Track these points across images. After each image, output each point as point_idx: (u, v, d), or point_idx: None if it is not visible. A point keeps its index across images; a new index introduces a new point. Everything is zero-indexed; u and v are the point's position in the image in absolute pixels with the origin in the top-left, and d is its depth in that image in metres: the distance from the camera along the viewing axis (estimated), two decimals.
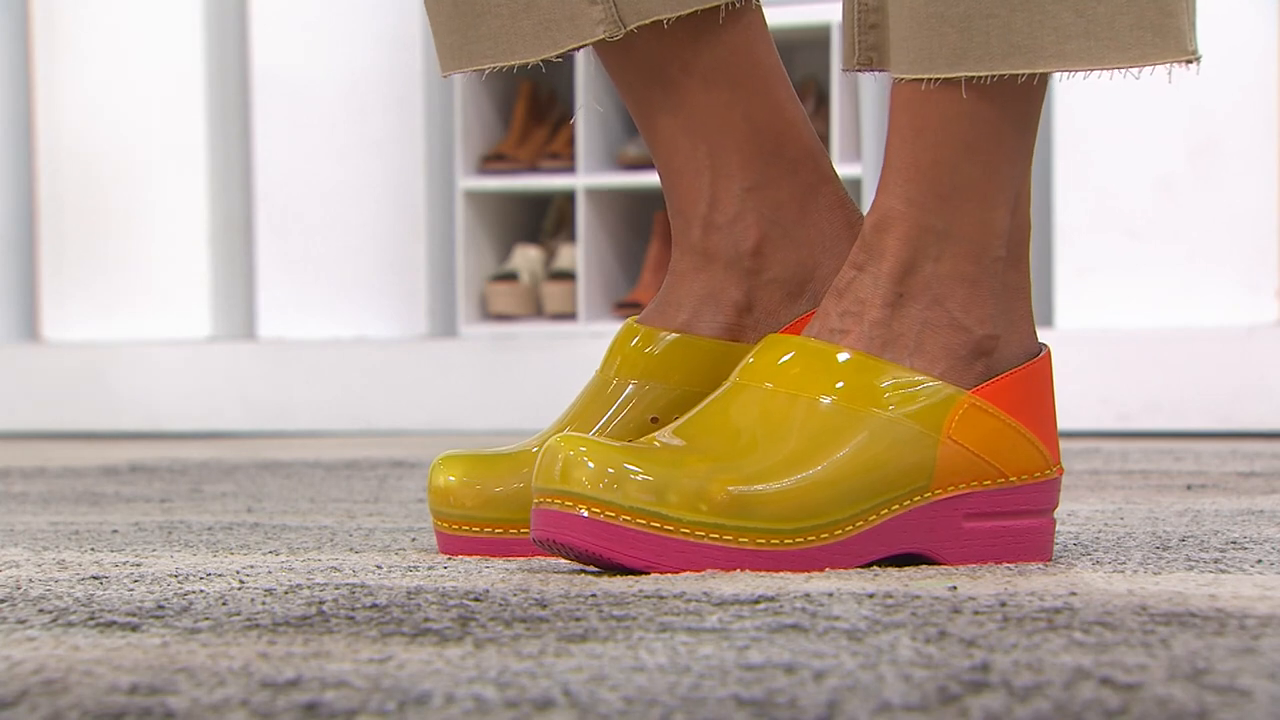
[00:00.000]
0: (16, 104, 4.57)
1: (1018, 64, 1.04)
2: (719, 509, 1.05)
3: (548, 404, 4.03)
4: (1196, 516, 1.48)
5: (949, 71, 1.05)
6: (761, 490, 1.05)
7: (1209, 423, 3.63)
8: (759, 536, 1.05)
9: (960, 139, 1.09)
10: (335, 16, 4.28)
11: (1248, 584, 0.99)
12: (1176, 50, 1.04)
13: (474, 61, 1.18)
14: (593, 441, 1.06)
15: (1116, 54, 1.04)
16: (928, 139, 1.09)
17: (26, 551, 1.27)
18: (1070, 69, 1.04)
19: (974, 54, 1.05)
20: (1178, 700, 0.64)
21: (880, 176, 1.12)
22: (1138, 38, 1.04)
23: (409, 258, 4.27)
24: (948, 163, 1.09)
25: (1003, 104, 1.08)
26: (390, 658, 0.76)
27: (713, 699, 0.66)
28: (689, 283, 1.22)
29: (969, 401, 1.10)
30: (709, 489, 1.05)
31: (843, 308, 1.11)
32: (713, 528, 1.05)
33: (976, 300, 1.11)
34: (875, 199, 1.11)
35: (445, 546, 1.21)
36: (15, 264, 4.61)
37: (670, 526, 1.04)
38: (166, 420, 4.28)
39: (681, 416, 1.12)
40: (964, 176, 1.09)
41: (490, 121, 4.26)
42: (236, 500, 1.85)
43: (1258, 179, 3.67)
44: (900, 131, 1.10)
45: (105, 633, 0.85)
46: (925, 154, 1.09)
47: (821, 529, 1.06)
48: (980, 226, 1.10)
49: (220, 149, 4.39)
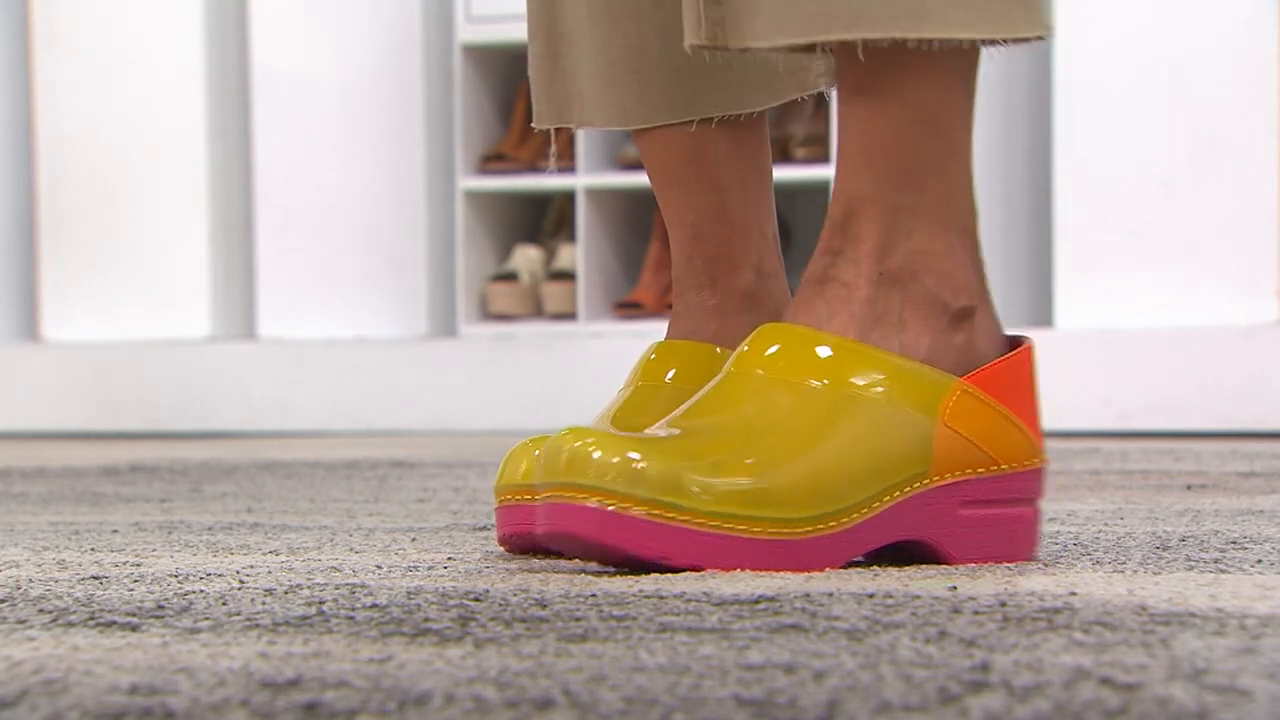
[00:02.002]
0: (16, 104, 4.57)
1: (906, 28, 1.06)
2: (732, 498, 1.04)
3: (548, 404, 4.03)
4: (1196, 516, 1.48)
5: (844, 34, 1.06)
6: (774, 478, 1.05)
7: (1209, 423, 3.63)
8: (771, 526, 1.05)
9: (916, 114, 1.10)
10: (335, 16, 4.28)
11: (1248, 584, 0.99)
12: (1036, 25, 1.08)
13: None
14: (600, 433, 1.05)
15: (989, 25, 1.07)
16: (886, 119, 1.11)
17: (26, 551, 1.27)
18: (952, 35, 1.06)
19: (869, 19, 1.06)
20: (1178, 700, 0.64)
21: (838, 163, 1.13)
22: (1006, 10, 1.07)
23: (409, 258, 4.27)
24: (908, 139, 1.11)
25: (950, 74, 1.10)
26: (390, 658, 0.76)
27: (713, 699, 0.66)
28: (739, 320, 1.26)
29: (961, 388, 1.11)
30: (722, 478, 1.04)
31: (827, 294, 1.12)
32: (726, 518, 1.04)
33: (950, 273, 1.13)
34: (837, 185, 1.13)
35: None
36: (15, 264, 4.61)
37: (684, 517, 1.04)
38: (166, 420, 4.28)
39: (679, 408, 1.12)
40: (925, 151, 1.11)
41: (490, 121, 4.26)
42: (236, 500, 1.85)
43: (1258, 179, 3.67)
44: (856, 115, 1.11)
45: (105, 633, 0.85)
46: (885, 134, 1.11)
47: (831, 516, 1.06)
48: (945, 199, 1.12)
49: (220, 149, 4.39)
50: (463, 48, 4.16)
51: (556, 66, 1.28)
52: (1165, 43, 3.70)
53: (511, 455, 1.20)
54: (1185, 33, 3.69)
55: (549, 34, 1.28)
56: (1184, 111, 3.69)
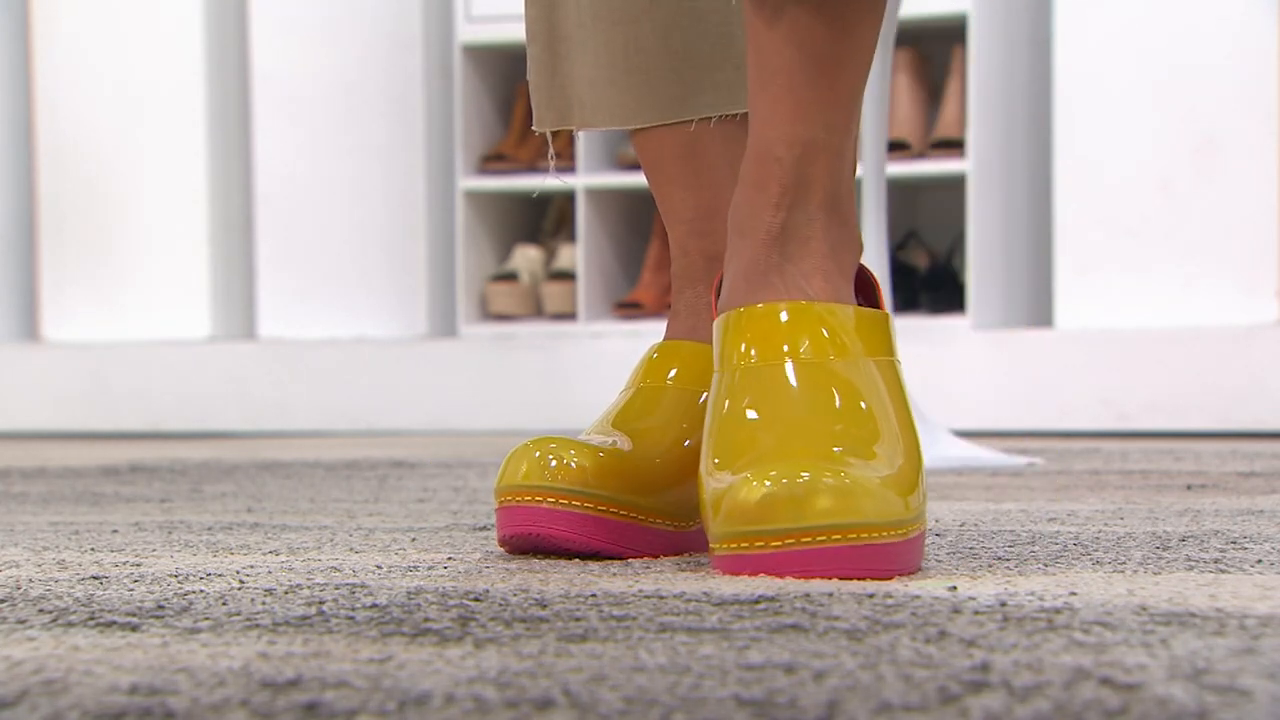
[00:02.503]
0: (16, 104, 4.57)
1: None
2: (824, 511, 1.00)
3: (548, 404, 4.03)
4: (1196, 516, 1.48)
5: None
6: (898, 465, 1.04)
7: (1209, 423, 3.63)
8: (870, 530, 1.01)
9: (861, 59, 1.09)
10: (335, 16, 4.28)
11: (1248, 584, 0.99)
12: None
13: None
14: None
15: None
16: (837, 68, 1.09)
17: (26, 551, 1.27)
18: None
19: None
20: (1178, 700, 0.64)
21: (771, 110, 1.09)
22: None
23: (409, 258, 4.27)
24: (857, 85, 1.10)
25: (874, 17, 1.10)
26: (390, 658, 0.76)
27: (713, 699, 0.66)
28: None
29: (888, 317, 1.12)
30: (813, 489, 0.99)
31: (788, 251, 1.10)
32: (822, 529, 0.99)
33: (853, 208, 1.13)
34: (778, 131, 1.09)
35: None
36: (15, 264, 4.61)
37: (791, 539, 0.99)
38: (166, 420, 4.28)
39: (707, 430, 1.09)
40: (860, 95, 1.11)
41: (490, 121, 4.26)
42: (236, 500, 1.85)
43: (1258, 179, 3.67)
44: (800, 63, 1.09)
45: (105, 633, 0.85)
46: (842, 83, 1.09)
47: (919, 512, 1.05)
48: (853, 138, 1.12)
49: (220, 149, 4.38)
50: (463, 48, 4.16)
51: (557, 69, 1.28)
52: (1165, 43, 3.70)
53: (512, 456, 1.20)
54: (1185, 33, 3.69)
55: (549, 37, 1.28)
56: (1184, 111, 3.69)
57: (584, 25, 1.26)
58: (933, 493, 1.85)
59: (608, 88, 1.26)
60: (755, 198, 1.10)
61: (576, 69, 1.27)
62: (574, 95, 1.28)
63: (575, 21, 1.27)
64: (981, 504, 1.67)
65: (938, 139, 3.95)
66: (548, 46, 1.29)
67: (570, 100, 1.28)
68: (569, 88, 1.28)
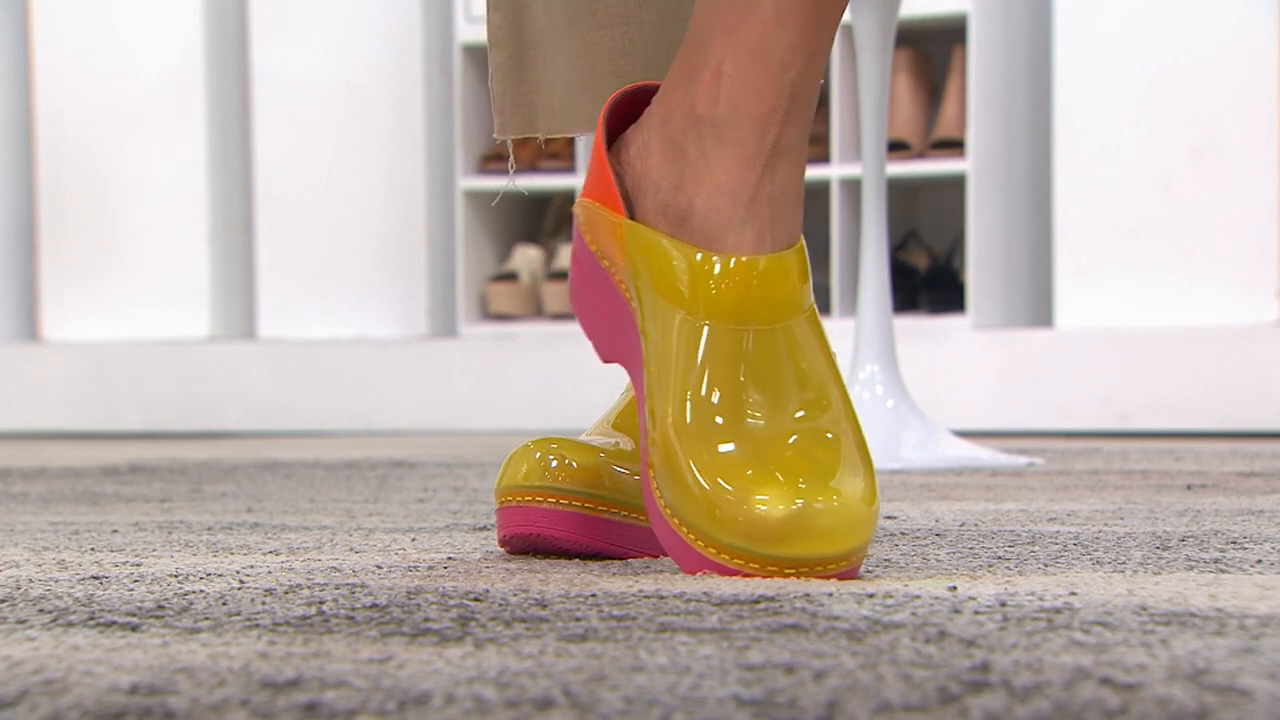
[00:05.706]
0: (16, 104, 4.57)
1: None
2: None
3: (548, 404, 4.03)
4: (1196, 516, 1.48)
5: None
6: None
7: (1209, 423, 3.63)
8: None
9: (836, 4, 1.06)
10: (335, 16, 4.28)
11: (1248, 584, 0.99)
12: None
13: None
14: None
15: None
16: (820, 16, 1.05)
17: (26, 551, 1.27)
18: None
19: None
20: (1178, 700, 0.64)
21: (750, 61, 1.03)
22: None
23: (409, 258, 4.27)
24: (831, 30, 1.05)
25: None
26: (390, 658, 0.76)
27: (713, 699, 0.66)
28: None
29: None
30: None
31: (778, 175, 1.05)
32: None
33: None
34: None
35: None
36: (15, 264, 4.61)
37: None
38: (166, 420, 4.28)
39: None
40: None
41: (490, 121, 4.26)
42: (236, 500, 1.85)
43: (1258, 179, 3.67)
44: (790, 11, 1.04)
45: (105, 633, 0.85)
46: (824, 33, 1.04)
47: None
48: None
49: (220, 149, 4.39)
50: (463, 48, 4.16)
51: (524, 76, 1.27)
52: (1165, 43, 3.70)
53: (513, 457, 1.20)
54: (1185, 33, 3.69)
55: (516, 43, 1.27)
56: (1184, 111, 3.69)
57: (557, 30, 1.25)
58: (933, 493, 1.85)
59: (584, 92, 1.25)
60: (749, 104, 1.03)
61: (545, 74, 1.26)
62: (541, 102, 1.27)
63: (545, 26, 1.25)
64: (981, 504, 1.67)
65: (938, 139, 3.95)
66: (514, 53, 1.28)
67: (536, 107, 1.27)
68: (536, 94, 1.27)
